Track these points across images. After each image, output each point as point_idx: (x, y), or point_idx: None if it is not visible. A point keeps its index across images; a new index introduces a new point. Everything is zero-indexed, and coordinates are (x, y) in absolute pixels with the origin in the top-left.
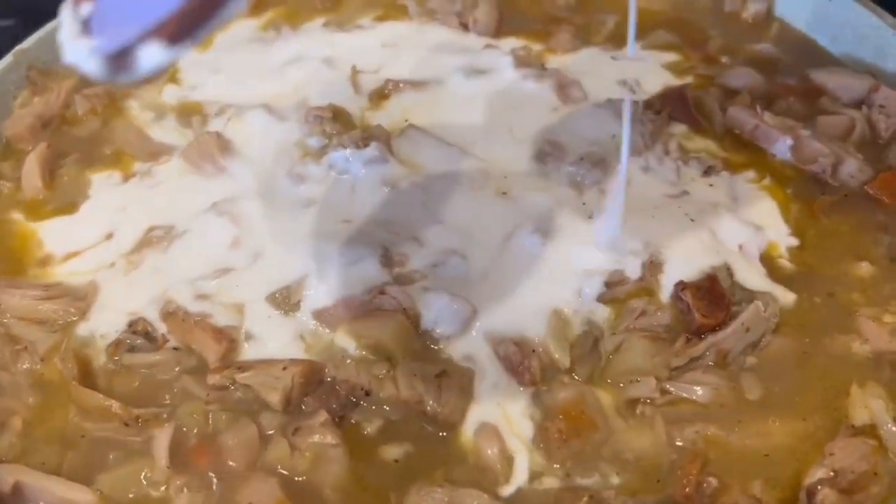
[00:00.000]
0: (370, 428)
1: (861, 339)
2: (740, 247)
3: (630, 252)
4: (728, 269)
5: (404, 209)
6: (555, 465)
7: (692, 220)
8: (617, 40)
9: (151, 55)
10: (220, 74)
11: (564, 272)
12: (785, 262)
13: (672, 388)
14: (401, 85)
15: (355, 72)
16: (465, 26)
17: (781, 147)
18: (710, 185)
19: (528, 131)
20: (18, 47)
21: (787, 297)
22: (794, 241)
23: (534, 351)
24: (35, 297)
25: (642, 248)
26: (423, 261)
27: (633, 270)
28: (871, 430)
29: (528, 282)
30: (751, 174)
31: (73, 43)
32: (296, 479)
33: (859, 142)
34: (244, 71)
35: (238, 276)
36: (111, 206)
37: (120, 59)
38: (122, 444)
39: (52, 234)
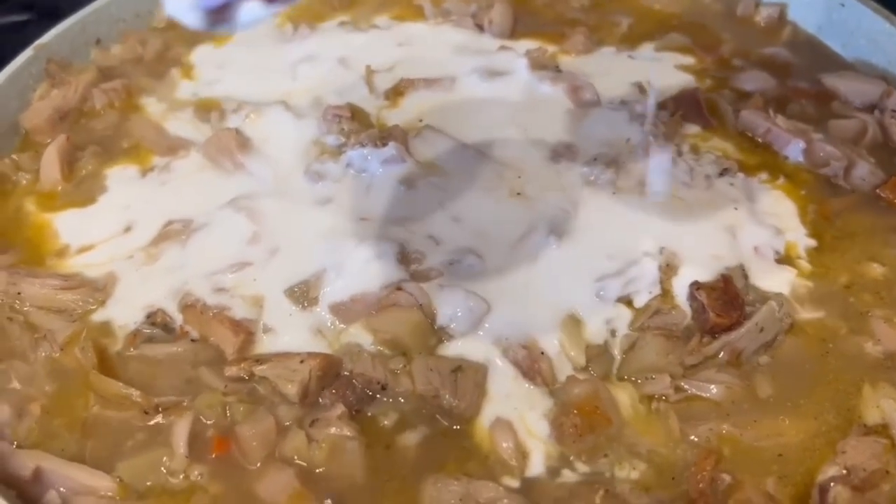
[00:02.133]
0: (386, 421)
1: (873, 340)
2: (755, 248)
3: (645, 253)
4: (743, 270)
5: (421, 208)
6: (570, 459)
7: (708, 222)
8: (630, 41)
9: (250, 10)
10: (235, 71)
11: (580, 273)
12: (803, 263)
13: (686, 386)
14: (416, 83)
15: (370, 71)
16: (480, 27)
17: (794, 150)
18: (731, 185)
19: (543, 133)
20: (38, 41)
21: (802, 298)
22: (813, 243)
23: (542, 353)
24: (54, 286)
25: (657, 250)
26: (440, 259)
27: (649, 271)
28: (883, 430)
29: (544, 281)
30: (764, 176)
31: None
32: (312, 470)
33: (871, 145)
34: (260, 68)
35: (256, 270)
36: (129, 200)
37: (219, 12)
38: (141, 433)
39: (71, 226)
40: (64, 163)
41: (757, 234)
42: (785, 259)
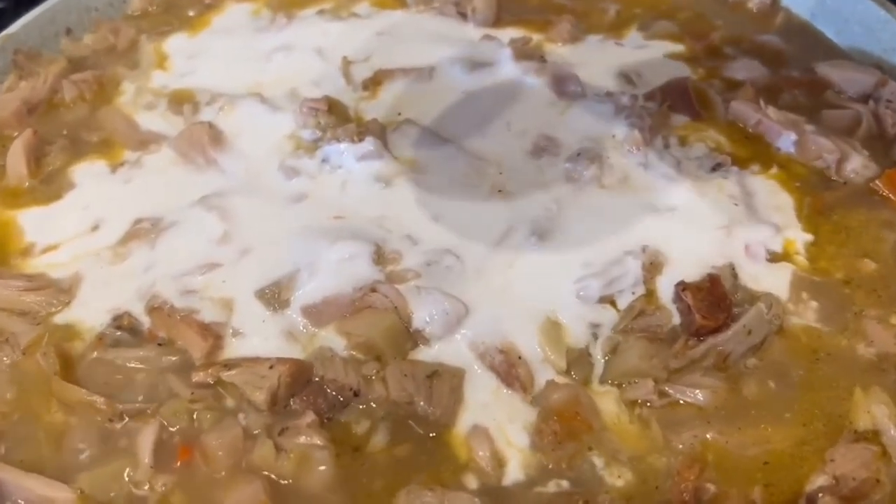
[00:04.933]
0: (359, 429)
1: (866, 342)
2: (746, 247)
3: (627, 252)
4: (732, 269)
5: (398, 206)
6: (549, 467)
7: (699, 219)
8: (618, 29)
9: None
10: (209, 62)
11: (560, 273)
12: (801, 259)
13: (670, 391)
14: (394, 73)
15: (347, 62)
16: (463, 15)
17: (785, 142)
18: (725, 178)
19: (525, 126)
20: (5, 32)
21: (795, 297)
22: (809, 238)
23: (520, 358)
24: (18, 287)
25: (640, 248)
26: (417, 259)
27: (632, 270)
28: (874, 437)
29: (524, 283)
30: (756, 167)
31: None
32: (281, 481)
33: (865, 137)
34: (234, 59)
35: (226, 271)
36: (98, 196)
37: None
38: (104, 441)
39: (37, 224)
40: (31, 158)
41: (751, 232)
42: (782, 256)
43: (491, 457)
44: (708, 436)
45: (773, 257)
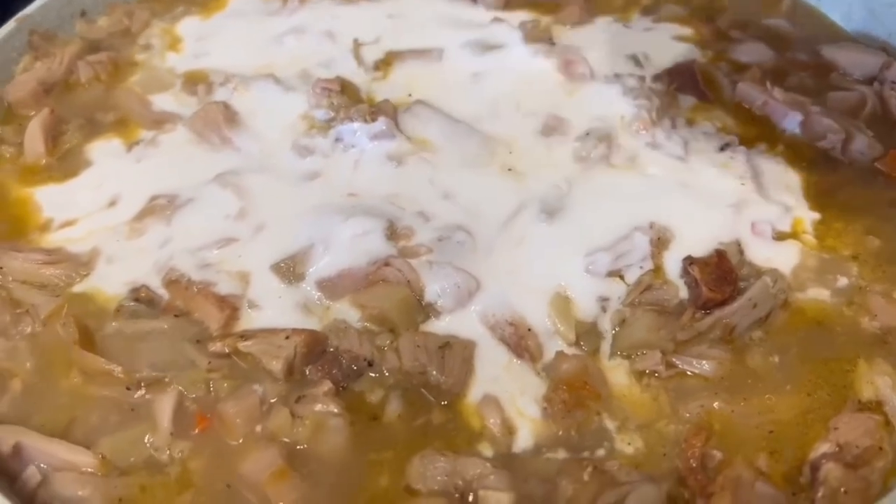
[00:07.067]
0: (373, 397)
1: (870, 316)
2: (753, 224)
3: (636, 228)
4: (738, 245)
5: (410, 184)
6: (559, 435)
7: (706, 197)
8: (627, 11)
9: None
10: (221, 44)
11: (570, 248)
12: (808, 238)
13: (677, 362)
14: (404, 55)
15: (357, 45)
16: None
17: (791, 122)
18: (731, 158)
19: (535, 107)
20: (21, 13)
21: (801, 272)
22: (816, 216)
23: (529, 330)
24: (37, 261)
25: (648, 225)
26: (429, 235)
27: (639, 246)
28: (877, 406)
29: (534, 258)
30: (763, 146)
31: None
32: (297, 447)
33: (870, 118)
34: (246, 42)
35: (242, 246)
36: (113, 174)
37: None
38: (124, 408)
39: (55, 200)
40: (48, 136)
41: (759, 210)
42: (790, 234)
43: (502, 424)
44: (714, 405)
45: (781, 236)
